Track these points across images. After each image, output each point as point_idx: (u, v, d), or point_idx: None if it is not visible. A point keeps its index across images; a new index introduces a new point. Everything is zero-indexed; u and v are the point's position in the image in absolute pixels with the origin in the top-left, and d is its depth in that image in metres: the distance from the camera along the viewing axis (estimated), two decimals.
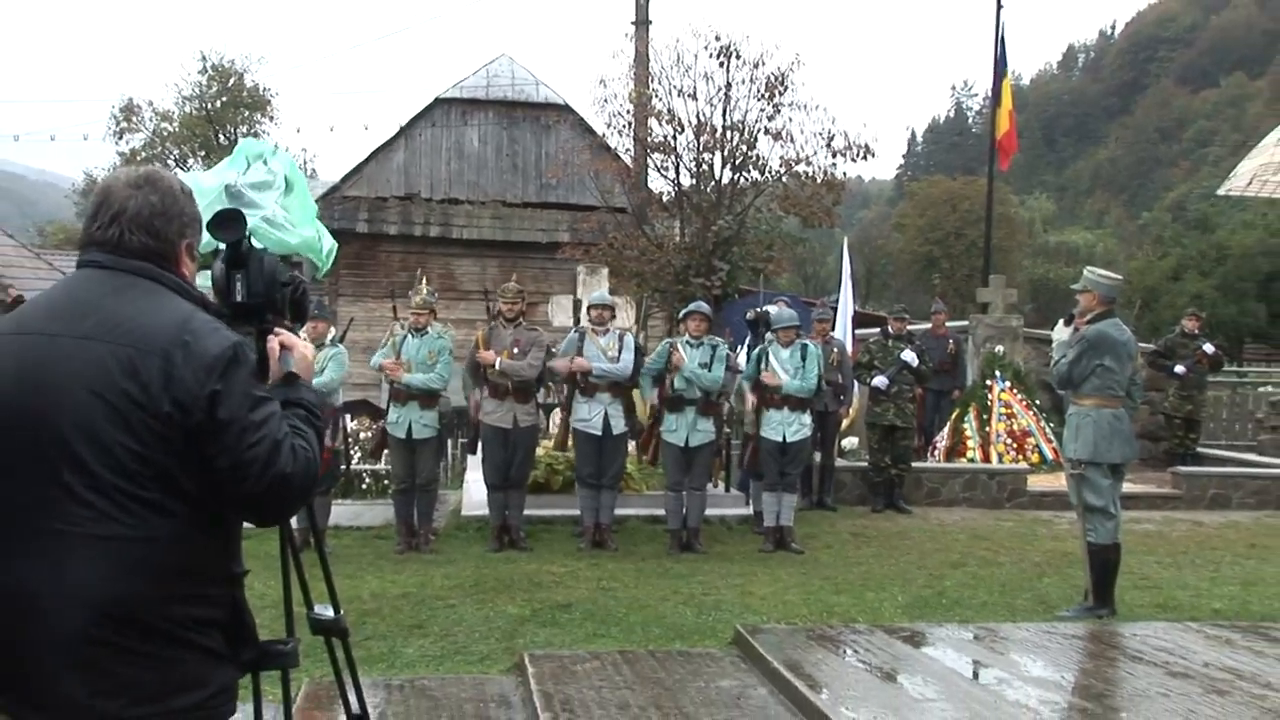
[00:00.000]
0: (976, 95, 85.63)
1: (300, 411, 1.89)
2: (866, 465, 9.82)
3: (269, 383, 1.93)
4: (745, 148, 11.42)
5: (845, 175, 11.88)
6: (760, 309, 8.95)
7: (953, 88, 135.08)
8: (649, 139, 11.79)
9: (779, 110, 11.38)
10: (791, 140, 11.48)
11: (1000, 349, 11.55)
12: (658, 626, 5.42)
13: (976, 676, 4.49)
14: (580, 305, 10.30)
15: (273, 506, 1.80)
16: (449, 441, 10.44)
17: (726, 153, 11.41)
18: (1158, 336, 13.93)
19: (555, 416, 8.82)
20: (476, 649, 5.02)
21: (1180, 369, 11.69)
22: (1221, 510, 10.01)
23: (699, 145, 11.43)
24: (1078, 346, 5.76)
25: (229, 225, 1.94)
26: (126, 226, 1.83)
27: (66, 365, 1.71)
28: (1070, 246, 46.79)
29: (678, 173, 11.63)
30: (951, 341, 11.72)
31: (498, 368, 7.39)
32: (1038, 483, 10.17)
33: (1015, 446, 10.78)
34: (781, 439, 7.61)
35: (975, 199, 34.78)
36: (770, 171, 11.70)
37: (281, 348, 1.99)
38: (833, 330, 9.94)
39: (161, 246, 1.85)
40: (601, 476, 7.56)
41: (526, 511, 7.78)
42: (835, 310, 11.28)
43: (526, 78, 18.17)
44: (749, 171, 11.62)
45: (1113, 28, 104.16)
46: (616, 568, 6.91)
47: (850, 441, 11.00)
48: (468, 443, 8.51)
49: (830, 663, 4.57)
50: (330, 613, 2.29)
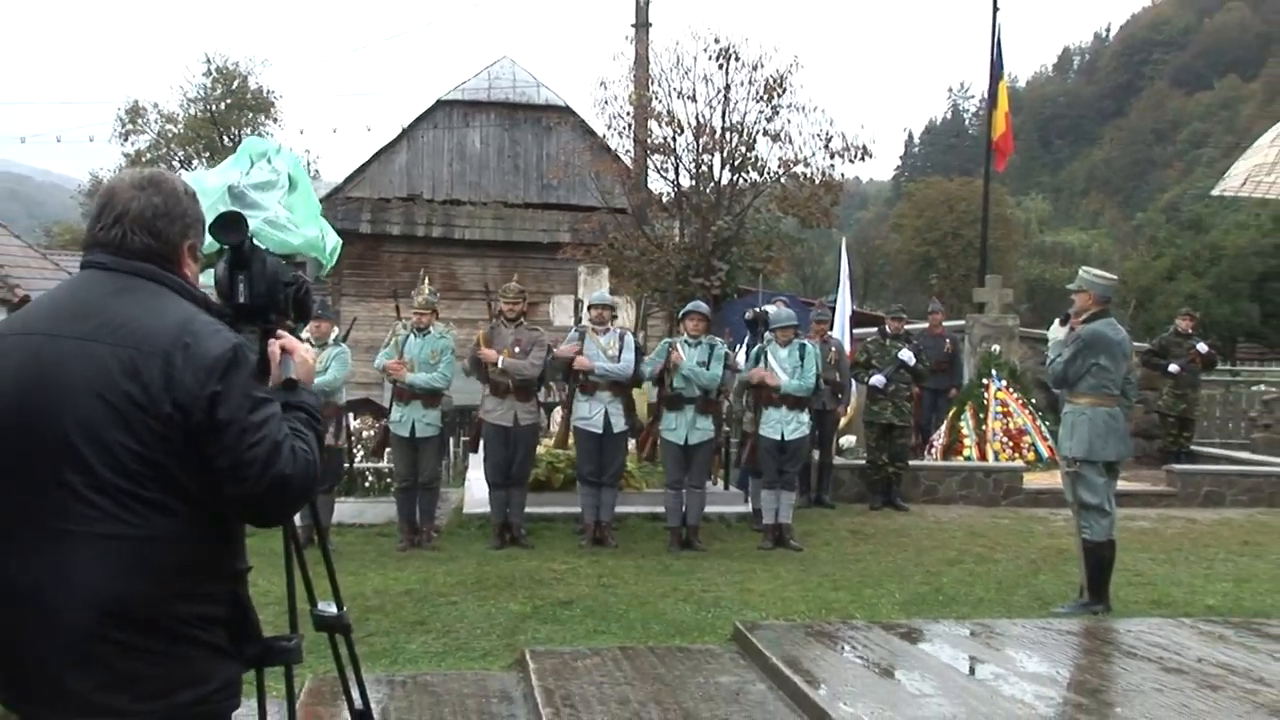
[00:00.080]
0: (973, 97, 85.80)
1: (301, 414, 1.89)
2: (864, 463, 9.84)
3: (270, 385, 1.93)
4: (744, 149, 11.39)
5: (843, 176, 11.83)
6: (759, 309, 8.96)
7: (949, 90, 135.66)
8: (649, 140, 11.75)
9: (778, 112, 11.35)
10: (790, 142, 11.47)
11: (996, 348, 11.55)
12: (658, 623, 5.44)
13: (973, 672, 4.49)
14: (581, 305, 10.34)
15: (272, 507, 1.80)
16: (451, 440, 10.41)
17: (726, 154, 11.38)
18: (1152, 336, 13.94)
19: (556, 415, 8.86)
20: (478, 645, 5.03)
21: (1174, 368, 11.73)
22: (1215, 508, 10.02)
23: (698, 146, 11.39)
24: (1073, 346, 5.76)
25: (231, 228, 1.96)
26: (129, 227, 1.83)
27: (69, 366, 1.72)
28: (1066, 247, 46.85)
29: (677, 174, 11.60)
30: (948, 341, 11.77)
31: (500, 366, 7.41)
32: (1034, 480, 10.18)
33: (1011, 445, 10.78)
34: (780, 437, 7.63)
35: (972, 200, 34.81)
36: (769, 172, 11.66)
37: (283, 351, 1.99)
38: (831, 330, 9.98)
39: (164, 248, 1.85)
40: (602, 474, 7.57)
41: (528, 509, 7.80)
42: (834, 310, 11.34)
43: (528, 80, 18.15)
44: (748, 172, 11.58)
45: (1107, 30, 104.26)
46: (617, 565, 6.92)
47: (848, 440, 11.01)
48: (469, 441, 8.52)
49: (828, 659, 4.57)
50: (333, 609, 2.29)
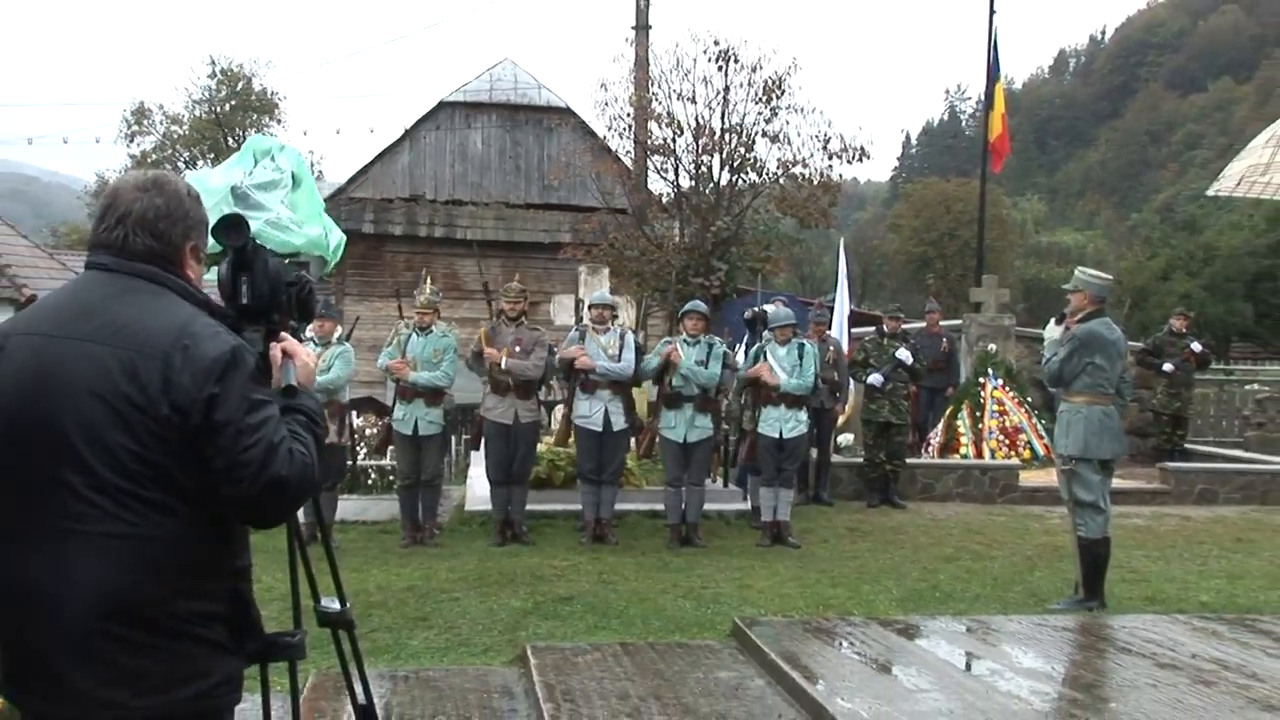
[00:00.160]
0: (969, 99, 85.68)
1: (300, 417, 1.89)
2: (862, 461, 9.88)
3: (271, 388, 1.93)
4: (743, 150, 11.42)
5: (841, 177, 11.87)
6: (758, 308, 9.03)
7: (946, 91, 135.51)
8: (649, 141, 11.79)
9: (776, 113, 11.39)
10: (788, 143, 11.51)
11: (993, 347, 11.58)
12: (657, 619, 5.47)
13: (969, 668, 4.51)
14: (581, 304, 10.37)
15: (269, 508, 1.80)
16: (453, 438, 10.45)
17: (725, 155, 11.41)
18: (1147, 335, 14.01)
19: (557, 413, 8.90)
20: (480, 641, 5.07)
21: (1169, 367, 11.78)
22: (1208, 505, 10.05)
23: (698, 148, 11.42)
24: (1069, 345, 5.80)
25: (233, 231, 1.98)
26: (131, 229, 1.85)
27: (70, 367, 1.74)
28: (1061, 247, 46.85)
29: (677, 174, 11.63)
30: (945, 340, 11.83)
31: (503, 366, 7.45)
32: (1029, 478, 10.22)
33: (1007, 443, 10.82)
34: (779, 435, 7.67)
35: (968, 200, 34.88)
36: (768, 173, 11.69)
37: (284, 355, 1.99)
38: (829, 329, 10.04)
39: (165, 249, 1.87)
40: (602, 472, 7.60)
41: (529, 506, 7.83)
42: (832, 310, 11.40)
43: (529, 81, 18.21)
44: (747, 173, 11.61)
45: (1103, 33, 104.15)
46: (617, 561, 6.96)
47: (846, 438, 11.03)
48: (471, 439, 8.55)
49: (826, 654, 4.60)
50: (336, 605, 2.31)
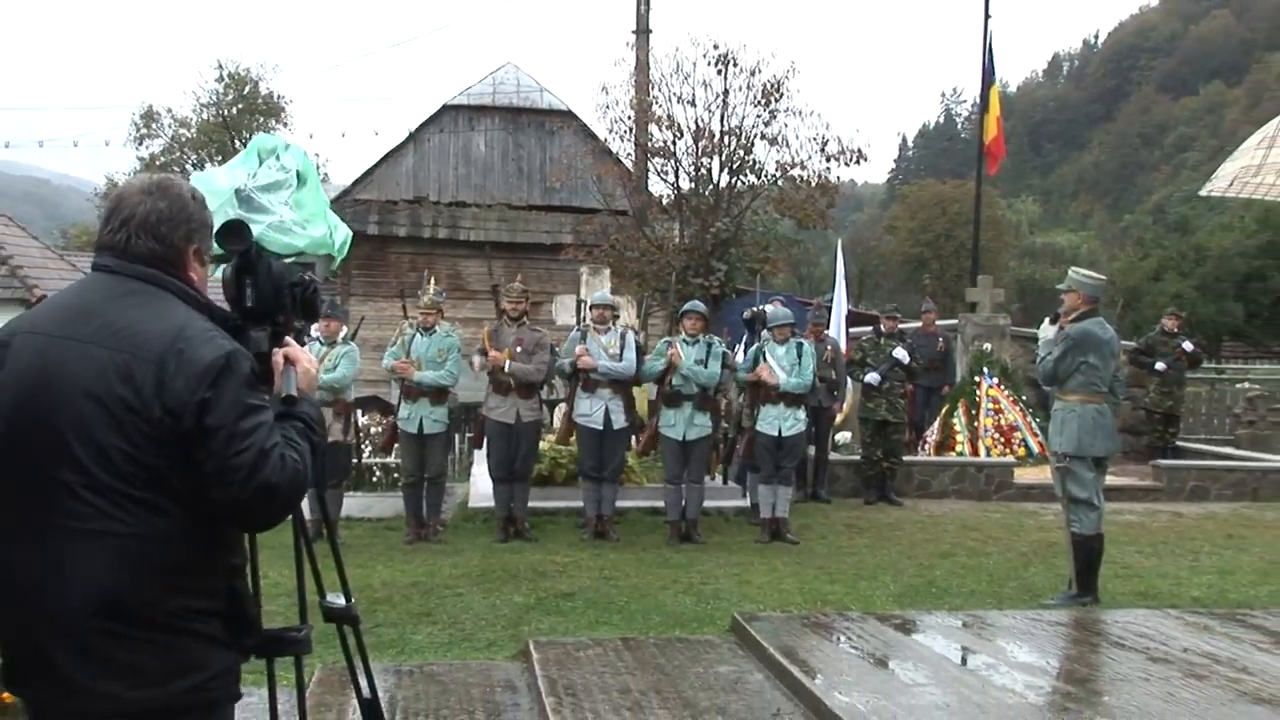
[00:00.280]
0: (965, 102, 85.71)
1: (298, 424, 1.89)
2: (859, 459, 9.93)
3: (272, 395, 1.93)
4: (742, 152, 11.52)
5: (839, 179, 11.99)
6: (757, 308, 9.10)
7: (942, 94, 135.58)
8: (649, 144, 11.88)
9: (775, 116, 11.49)
10: (787, 145, 11.61)
11: (988, 347, 11.61)
12: (658, 614, 5.53)
13: (965, 662, 4.56)
14: (583, 305, 10.44)
15: (258, 513, 1.80)
16: (456, 436, 10.50)
17: (724, 157, 11.50)
18: (1139, 335, 14.03)
19: (559, 412, 8.97)
20: (483, 636, 5.12)
21: (1161, 366, 11.87)
22: (1200, 502, 10.11)
23: (698, 150, 11.51)
24: (1063, 344, 5.84)
25: (234, 237, 2.00)
26: (134, 231, 1.86)
27: (69, 367, 1.76)
28: (1055, 248, 46.91)
29: (677, 176, 11.71)
30: (941, 339, 11.89)
31: (506, 370, 7.52)
32: (1024, 475, 10.28)
33: (1002, 440, 10.86)
34: (777, 433, 7.73)
35: (964, 202, 34.95)
36: (766, 175, 11.78)
37: (286, 361, 1.99)
38: (827, 329, 10.12)
39: (168, 251, 1.88)
40: (603, 470, 7.66)
41: (531, 503, 7.89)
42: (830, 309, 11.47)
43: (531, 85, 18.25)
44: (746, 175, 11.70)
45: (1096, 37, 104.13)
46: (618, 558, 7.01)
47: (844, 436, 11.10)
48: (474, 437, 8.60)
49: (824, 649, 4.64)
50: (342, 601, 2.33)
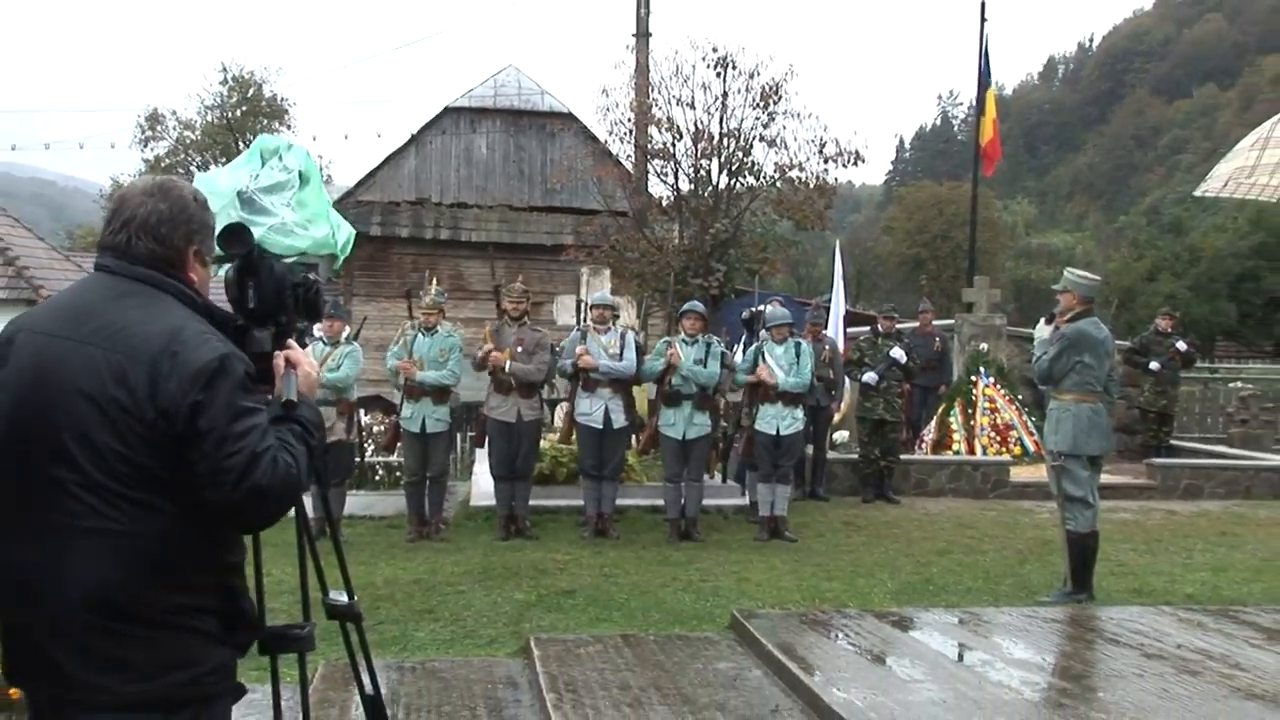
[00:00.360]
0: (961, 104, 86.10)
1: (295, 428, 1.89)
2: (857, 457, 9.98)
3: (272, 399, 1.94)
4: (741, 154, 11.59)
5: (836, 180, 12.07)
6: (755, 308, 9.15)
7: (939, 97, 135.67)
8: (649, 146, 11.95)
9: (773, 118, 11.56)
10: (785, 147, 11.68)
11: (984, 346, 11.67)
12: (658, 611, 5.57)
13: (961, 658, 4.59)
14: (583, 305, 10.49)
15: (249, 515, 1.80)
16: (458, 435, 10.53)
17: (723, 159, 11.58)
18: (1134, 335, 14.12)
19: (560, 410, 9.02)
20: (485, 633, 5.16)
21: (1155, 365, 11.94)
22: (1194, 500, 10.15)
23: (697, 152, 11.58)
24: (1058, 344, 5.91)
25: (236, 240, 2.02)
26: (135, 232, 1.87)
27: (67, 366, 1.77)
28: (1051, 248, 46.96)
29: (677, 178, 11.78)
30: (938, 339, 11.93)
31: (508, 370, 7.57)
32: (1020, 474, 10.34)
33: (999, 439, 10.92)
34: (776, 432, 7.77)
35: (960, 203, 35.09)
36: (765, 177, 11.85)
37: (287, 364, 1.99)
38: (825, 329, 10.18)
39: (167, 253, 1.89)
40: (603, 468, 7.71)
41: (532, 502, 7.94)
42: (828, 310, 11.53)
43: (532, 87, 18.33)
44: (744, 177, 11.78)
45: (1090, 40, 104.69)
46: (618, 555, 7.05)
47: (841, 435, 11.16)
48: (475, 436, 8.65)
49: (822, 646, 4.68)
50: (345, 598, 2.34)
